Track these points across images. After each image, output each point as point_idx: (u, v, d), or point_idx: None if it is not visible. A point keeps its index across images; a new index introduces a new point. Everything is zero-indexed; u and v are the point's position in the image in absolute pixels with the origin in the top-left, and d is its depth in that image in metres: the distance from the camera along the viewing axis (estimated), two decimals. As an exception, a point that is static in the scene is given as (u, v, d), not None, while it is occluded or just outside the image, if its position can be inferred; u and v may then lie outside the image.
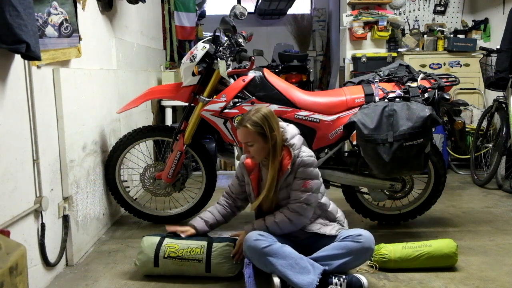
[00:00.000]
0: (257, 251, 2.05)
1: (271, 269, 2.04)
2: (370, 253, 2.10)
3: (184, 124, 2.87)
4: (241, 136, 2.12)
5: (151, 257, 2.18)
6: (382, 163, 2.43)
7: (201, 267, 2.16)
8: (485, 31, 5.07)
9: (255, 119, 2.08)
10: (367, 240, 2.06)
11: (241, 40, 2.79)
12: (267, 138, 2.09)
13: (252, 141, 2.09)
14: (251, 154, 2.13)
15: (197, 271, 2.17)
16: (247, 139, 2.10)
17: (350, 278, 2.01)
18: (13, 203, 1.89)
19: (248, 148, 2.12)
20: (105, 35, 3.12)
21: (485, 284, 2.14)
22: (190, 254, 2.16)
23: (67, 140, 2.34)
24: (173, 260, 2.17)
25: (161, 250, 2.18)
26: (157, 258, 2.18)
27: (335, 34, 7.31)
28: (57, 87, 2.29)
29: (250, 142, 2.10)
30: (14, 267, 1.35)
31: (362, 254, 2.08)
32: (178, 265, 2.17)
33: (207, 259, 2.15)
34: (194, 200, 3.02)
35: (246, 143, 2.11)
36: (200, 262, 2.15)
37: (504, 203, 3.44)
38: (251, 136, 2.08)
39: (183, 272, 2.19)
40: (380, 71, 2.84)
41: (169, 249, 2.18)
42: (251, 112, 2.11)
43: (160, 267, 2.18)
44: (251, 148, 2.11)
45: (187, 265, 2.16)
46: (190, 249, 2.17)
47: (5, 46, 1.71)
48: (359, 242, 2.05)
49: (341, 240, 2.10)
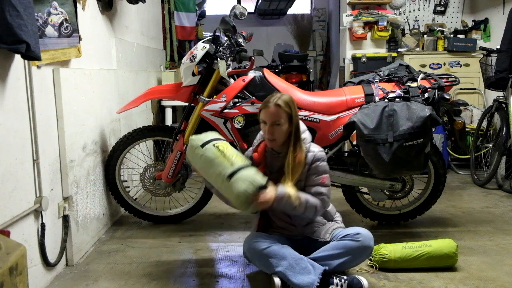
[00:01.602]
0: (257, 252, 2.05)
1: (272, 270, 2.04)
2: (369, 251, 2.10)
3: (184, 124, 2.87)
4: (270, 115, 2.07)
5: (206, 138, 2.11)
6: (382, 163, 2.43)
7: (229, 169, 2.00)
8: (485, 31, 5.07)
9: (286, 99, 2.09)
10: (365, 239, 2.07)
11: (241, 40, 2.79)
12: (292, 121, 2.09)
13: (280, 121, 2.07)
14: (274, 135, 2.09)
15: (222, 171, 2.02)
16: (276, 118, 2.06)
17: (351, 279, 2.01)
18: (13, 203, 1.89)
19: (273, 129, 2.08)
20: (105, 35, 3.12)
21: (485, 284, 2.14)
22: (232, 157, 2.04)
23: (67, 140, 2.34)
24: (216, 149, 2.06)
25: (214, 141, 2.10)
26: (208, 142, 2.08)
27: (335, 34, 7.30)
28: (57, 87, 2.29)
29: (278, 121, 2.06)
30: (14, 267, 1.35)
31: (361, 253, 2.08)
32: (215, 156, 2.04)
33: (238, 169, 2.01)
34: (194, 200, 3.02)
35: (273, 122, 2.07)
36: (232, 166, 2.01)
37: (504, 203, 3.44)
38: (281, 115, 2.06)
39: (212, 164, 2.05)
40: (380, 71, 2.84)
41: (220, 143, 2.10)
42: (278, 95, 2.12)
43: (203, 148, 2.06)
44: (277, 128, 2.07)
45: (221, 161, 2.02)
46: (236, 155, 2.06)
47: (5, 46, 1.71)
48: (358, 240, 2.06)
49: (339, 239, 2.10)
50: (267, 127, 2.09)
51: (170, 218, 3.03)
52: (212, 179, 2.10)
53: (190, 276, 2.27)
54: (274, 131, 2.09)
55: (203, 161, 2.08)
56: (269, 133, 2.10)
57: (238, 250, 2.58)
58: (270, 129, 2.09)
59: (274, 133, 2.09)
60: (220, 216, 3.20)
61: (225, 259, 2.48)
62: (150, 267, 2.37)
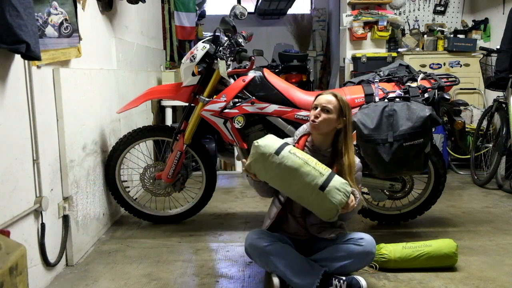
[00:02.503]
0: (258, 249, 2.06)
1: (272, 269, 2.04)
2: (371, 257, 2.08)
3: (184, 124, 2.87)
4: (324, 99, 2.13)
5: (275, 143, 2.01)
6: (382, 163, 2.43)
7: (320, 179, 1.93)
8: (485, 31, 5.07)
9: (344, 98, 2.16)
10: (368, 244, 2.06)
11: (241, 40, 2.79)
12: (341, 118, 2.12)
13: (330, 108, 2.10)
14: (320, 120, 2.09)
15: (312, 181, 1.93)
16: (328, 104, 2.11)
17: (349, 280, 2.01)
18: (13, 203, 1.89)
19: (322, 113, 2.10)
20: (105, 35, 3.12)
21: (485, 284, 2.14)
22: (316, 165, 1.96)
23: (67, 140, 2.34)
24: (297, 157, 1.96)
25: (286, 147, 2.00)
26: (282, 148, 1.98)
27: (335, 34, 7.30)
28: (57, 87, 2.29)
29: (328, 108, 2.10)
30: (14, 267, 1.35)
31: (363, 258, 2.07)
32: (298, 165, 1.94)
33: (329, 177, 1.95)
34: (194, 200, 3.02)
35: (324, 107, 2.10)
36: (321, 175, 1.94)
37: (504, 203, 3.44)
38: (333, 104, 2.11)
39: (295, 174, 1.94)
40: (380, 71, 2.84)
41: (296, 150, 2.01)
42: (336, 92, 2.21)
43: (279, 156, 1.95)
44: (324, 114, 2.10)
45: (308, 170, 1.93)
46: (317, 163, 1.97)
47: (5, 46, 1.71)
48: (360, 245, 2.05)
49: (342, 242, 2.09)
50: (316, 110, 2.12)
51: (170, 218, 3.03)
52: (293, 189, 1.99)
53: (190, 276, 2.27)
54: (322, 115, 2.10)
55: (282, 171, 1.96)
56: (316, 115, 2.11)
57: (238, 250, 2.58)
58: (318, 112, 2.11)
59: (320, 117, 2.10)
60: (220, 216, 3.20)
61: (225, 259, 2.48)
62: (150, 267, 2.37)
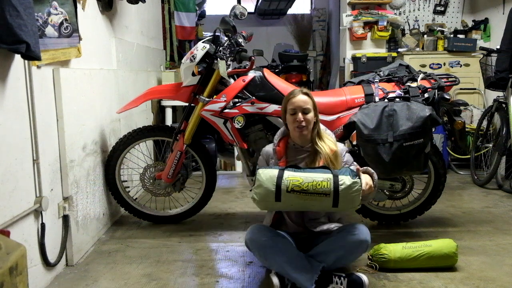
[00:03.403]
0: (258, 243, 2.08)
1: (271, 264, 2.06)
2: (365, 246, 2.09)
3: (184, 124, 2.87)
4: (300, 102, 2.18)
5: (271, 191, 1.98)
6: (382, 163, 2.43)
7: (327, 201, 1.96)
8: (485, 31, 5.07)
9: (307, 90, 2.25)
10: (361, 232, 2.07)
11: (241, 40, 2.79)
12: (315, 110, 2.21)
13: (309, 108, 2.18)
14: (306, 122, 2.17)
15: (323, 206, 1.99)
16: (306, 105, 2.18)
17: (351, 277, 2.02)
18: (13, 203, 1.89)
19: (304, 116, 2.17)
20: (105, 35, 3.12)
21: (485, 284, 2.14)
22: (317, 188, 1.96)
23: (67, 140, 2.34)
24: (297, 194, 1.96)
25: (282, 183, 1.97)
26: (279, 191, 1.97)
27: (335, 34, 7.30)
28: (57, 87, 2.29)
29: (308, 108, 2.18)
30: (14, 267, 1.34)
31: (358, 247, 2.08)
32: (303, 199, 1.97)
33: (335, 193, 1.95)
34: (194, 200, 3.02)
35: (304, 109, 2.17)
36: (327, 196, 1.95)
37: (504, 203, 3.44)
38: (309, 102, 2.19)
39: (307, 206, 2.03)
40: (380, 71, 2.84)
41: (292, 183, 1.97)
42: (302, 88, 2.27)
43: (282, 201, 1.98)
44: (307, 116, 2.17)
45: (313, 199, 1.97)
46: (316, 183, 1.96)
47: (5, 46, 1.71)
48: (354, 234, 2.06)
49: (337, 234, 2.11)
50: (297, 115, 2.16)
51: (170, 218, 3.03)
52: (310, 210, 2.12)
53: (190, 276, 2.27)
54: (305, 117, 2.17)
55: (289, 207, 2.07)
56: (301, 121, 2.16)
57: (238, 250, 2.58)
58: (302, 117, 2.16)
59: (305, 119, 2.17)
60: (220, 216, 3.20)
61: (225, 259, 2.48)
62: (150, 267, 2.37)
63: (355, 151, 2.74)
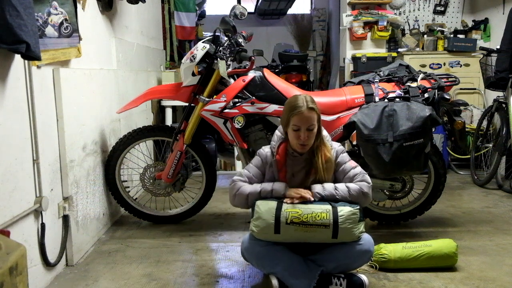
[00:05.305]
0: (254, 253, 2.06)
1: (269, 271, 2.04)
2: (369, 255, 2.08)
3: (184, 124, 2.87)
4: (306, 120, 2.02)
5: (271, 223, 1.97)
6: (382, 163, 2.43)
7: (327, 232, 1.97)
8: (485, 31, 5.07)
9: (313, 100, 2.06)
10: (366, 243, 2.05)
11: (241, 40, 2.79)
12: (319, 122, 2.09)
13: (314, 124, 2.04)
14: (309, 139, 2.04)
15: (323, 237, 2.00)
16: (311, 122, 2.03)
17: (350, 277, 2.01)
18: (13, 203, 1.89)
19: (308, 134, 2.03)
20: (105, 35, 3.12)
21: (485, 284, 2.14)
22: (316, 219, 1.96)
23: (67, 140, 2.34)
24: (296, 226, 1.96)
25: (281, 215, 1.97)
26: (278, 224, 1.97)
27: (335, 34, 7.30)
28: (57, 87, 2.29)
29: (313, 126, 2.03)
30: (14, 267, 1.34)
31: (361, 256, 2.06)
32: (303, 231, 1.97)
33: (334, 224, 1.96)
34: (194, 200, 3.02)
35: (309, 127, 2.03)
36: (327, 228, 1.96)
37: (504, 203, 3.44)
38: (314, 119, 2.04)
39: (307, 238, 2.02)
40: (380, 71, 2.84)
41: (291, 214, 1.97)
42: (303, 97, 2.07)
43: (281, 233, 1.98)
44: (310, 133, 2.04)
45: (313, 231, 1.97)
46: (315, 214, 1.96)
47: (5, 46, 1.71)
48: (359, 244, 2.04)
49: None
50: (301, 132, 2.03)
51: (170, 218, 3.03)
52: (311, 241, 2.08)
53: (190, 276, 2.27)
54: (309, 135, 2.04)
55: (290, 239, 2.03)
56: (304, 138, 2.04)
57: (238, 250, 2.56)
58: (306, 134, 2.03)
59: (308, 137, 2.04)
60: (220, 216, 3.20)
61: (225, 259, 2.48)
62: (150, 267, 2.37)
63: (355, 151, 2.75)
